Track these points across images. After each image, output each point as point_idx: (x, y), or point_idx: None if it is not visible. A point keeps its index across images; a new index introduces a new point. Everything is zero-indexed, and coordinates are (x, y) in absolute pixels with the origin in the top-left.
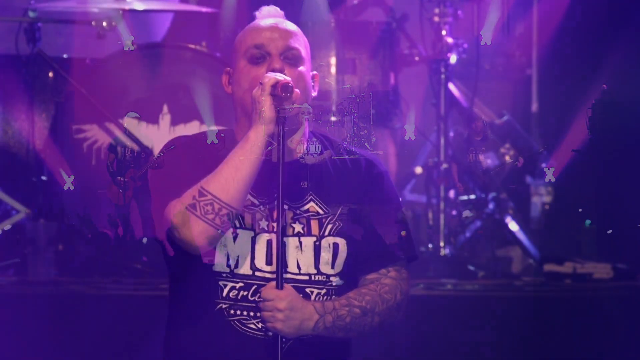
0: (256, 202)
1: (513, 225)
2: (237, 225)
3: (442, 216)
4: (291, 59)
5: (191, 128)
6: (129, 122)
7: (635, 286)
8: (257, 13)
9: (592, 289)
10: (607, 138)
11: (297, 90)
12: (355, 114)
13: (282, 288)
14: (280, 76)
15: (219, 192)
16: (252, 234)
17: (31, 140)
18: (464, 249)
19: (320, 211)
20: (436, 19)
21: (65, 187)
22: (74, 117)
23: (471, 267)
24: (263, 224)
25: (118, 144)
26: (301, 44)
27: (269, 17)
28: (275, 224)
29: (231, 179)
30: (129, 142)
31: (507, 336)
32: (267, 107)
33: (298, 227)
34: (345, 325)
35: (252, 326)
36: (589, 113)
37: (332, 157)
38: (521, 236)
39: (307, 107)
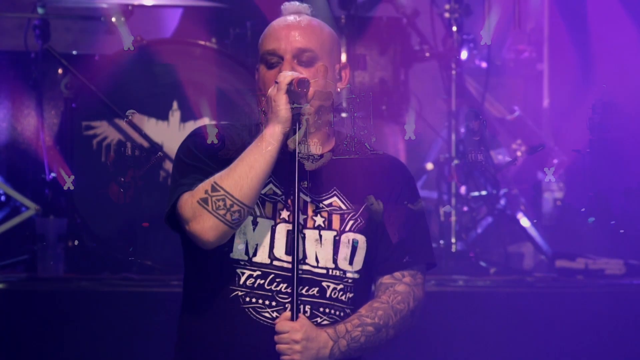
0: (279, 192)
1: (525, 221)
2: (258, 213)
3: (453, 212)
4: (305, 60)
5: (201, 124)
6: (139, 118)
7: None
8: (282, 8)
9: (604, 285)
10: (619, 134)
11: (312, 88)
12: (356, 114)
13: (296, 319)
14: (294, 73)
15: (231, 189)
16: (273, 223)
17: (40, 137)
18: (476, 245)
19: (343, 206)
20: (447, 14)
21: (65, 187)
22: (84, 113)
23: (483, 263)
24: (284, 214)
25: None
26: (316, 42)
27: (291, 13)
28: (296, 215)
29: (245, 176)
30: (138, 139)
31: (518, 332)
32: (282, 106)
33: (319, 220)
34: (360, 345)
35: (267, 315)
36: (597, 110)
37: (333, 158)
38: (533, 232)
39: (307, 107)
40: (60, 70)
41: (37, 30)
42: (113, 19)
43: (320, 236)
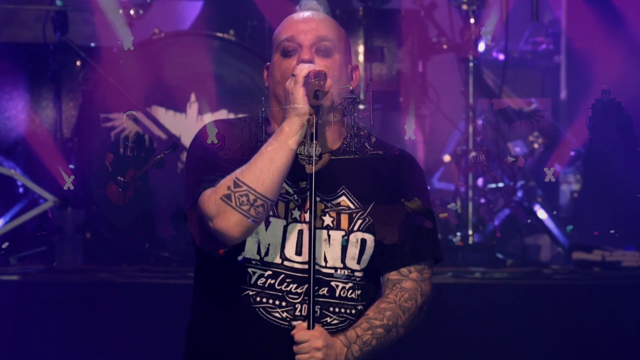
0: (290, 190)
1: (542, 214)
2: (270, 213)
3: (470, 204)
4: (323, 50)
5: (219, 117)
6: (157, 110)
7: None
8: (297, 7)
9: (621, 277)
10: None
11: (329, 80)
12: (355, 114)
13: (313, 328)
14: (311, 66)
15: (254, 183)
16: (285, 222)
17: (59, 129)
18: (493, 237)
19: (352, 206)
20: (464, 6)
21: (65, 187)
22: (102, 105)
23: (500, 255)
24: (296, 213)
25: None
26: (334, 35)
27: (308, 9)
28: (307, 215)
29: (266, 170)
30: (156, 131)
31: (535, 324)
32: (300, 99)
33: (328, 220)
34: (372, 348)
35: (277, 315)
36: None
37: (332, 158)
38: (550, 224)
39: (307, 107)
40: (78, 63)
41: (56, 22)
42: (131, 12)
43: (329, 236)
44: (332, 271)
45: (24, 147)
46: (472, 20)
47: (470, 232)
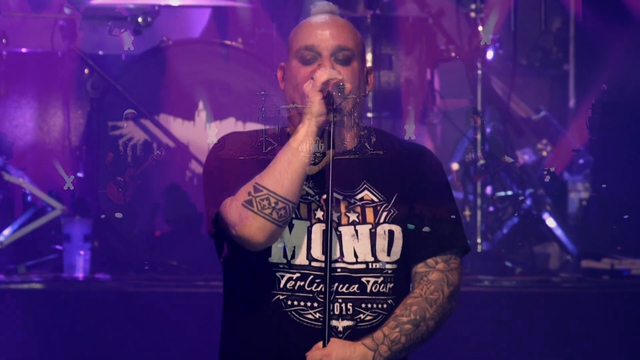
0: (312, 192)
1: (550, 222)
2: (293, 215)
3: (479, 212)
4: (342, 59)
5: (227, 124)
6: (165, 118)
7: None
8: (311, 7)
9: (630, 285)
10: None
11: (348, 85)
12: (355, 114)
13: (327, 343)
14: (333, 73)
15: (273, 186)
16: (308, 224)
17: (67, 137)
18: (501, 245)
19: (375, 199)
20: (472, 14)
21: (65, 187)
22: (110, 113)
23: (508, 264)
24: (318, 214)
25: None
26: (353, 41)
27: (322, 12)
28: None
29: (284, 172)
30: (164, 139)
31: (544, 332)
32: (316, 102)
33: (353, 216)
34: (402, 346)
35: (310, 316)
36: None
37: (335, 157)
38: (558, 232)
39: (310, 107)
40: (86, 71)
41: (64, 30)
42: (139, 20)
43: (356, 231)
44: (363, 266)
45: (32, 155)
46: (480, 28)
47: (478, 241)
